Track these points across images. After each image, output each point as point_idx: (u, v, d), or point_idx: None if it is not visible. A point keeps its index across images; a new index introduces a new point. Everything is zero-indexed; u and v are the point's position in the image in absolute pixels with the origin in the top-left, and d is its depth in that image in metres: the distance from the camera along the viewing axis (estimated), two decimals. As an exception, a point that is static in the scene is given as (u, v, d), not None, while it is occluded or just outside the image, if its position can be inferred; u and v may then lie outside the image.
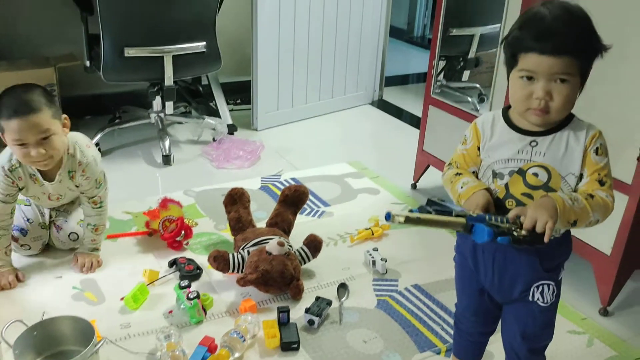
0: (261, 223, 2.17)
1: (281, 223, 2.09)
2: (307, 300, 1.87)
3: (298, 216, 2.17)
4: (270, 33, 3.15)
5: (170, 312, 1.80)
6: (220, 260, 1.87)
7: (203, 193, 2.55)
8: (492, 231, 1.08)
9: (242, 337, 1.63)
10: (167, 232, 2.10)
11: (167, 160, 2.84)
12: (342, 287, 1.95)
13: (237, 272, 1.90)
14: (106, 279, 1.94)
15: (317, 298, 1.84)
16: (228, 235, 2.17)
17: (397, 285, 1.99)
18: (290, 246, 1.95)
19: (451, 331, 1.68)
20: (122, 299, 1.81)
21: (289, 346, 1.67)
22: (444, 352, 1.70)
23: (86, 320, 1.56)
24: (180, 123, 3.29)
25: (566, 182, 1.18)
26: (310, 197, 2.28)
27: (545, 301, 1.27)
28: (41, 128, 1.68)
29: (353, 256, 2.14)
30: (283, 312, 1.72)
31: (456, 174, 1.27)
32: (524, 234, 1.11)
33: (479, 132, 1.26)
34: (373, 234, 2.24)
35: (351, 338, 1.74)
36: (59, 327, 1.58)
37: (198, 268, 1.97)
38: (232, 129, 3.22)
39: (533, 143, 1.18)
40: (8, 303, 1.81)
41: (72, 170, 1.86)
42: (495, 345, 1.48)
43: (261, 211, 2.38)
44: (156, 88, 2.88)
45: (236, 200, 2.13)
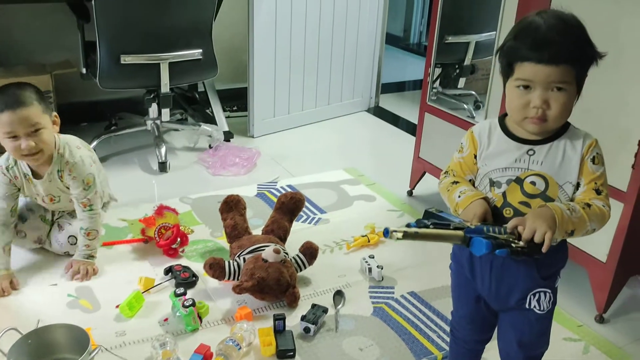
0: (257, 230, 2.17)
1: (277, 230, 2.08)
2: (303, 307, 1.86)
3: (294, 223, 2.17)
4: (266, 40, 3.16)
5: (165, 320, 1.79)
6: (216, 267, 1.87)
7: (199, 200, 2.55)
8: (491, 244, 1.09)
9: (238, 345, 1.63)
10: (163, 240, 2.10)
11: (163, 167, 2.84)
12: (338, 295, 1.95)
13: (233, 280, 1.89)
14: (101, 287, 1.94)
15: (313, 305, 1.84)
16: (224, 242, 2.17)
17: (394, 292, 1.99)
18: (286, 253, 1.95)
19: (447, 339, 1.68)
20: (118, 307, 1.81)
21: (285, 354, 1.66)
22: (440, 360, 1.70)
23: (81, 328, 1.56)
24: (176, 130, 3.29)
25: (563, 191, 1.18)
26: (306, 204, 2.28)
27: (541, 309, 1.27)
28: (31, 121, 1.77)
29: (349, 263, 2.14)
30: (279, 320, 1.72)
31: (453, 183, 1.27)
32: (522, 246, 1.11)
33: (476, 141, 1.26)
34: (369, 241, 2.24)
35: (347, 346, 1.74)
36: (54, 335, 1.58)
37: (194, 275, 1.97)
38: (229, 136, 3.22)
39: (530, 152, 1.19)
40: (2, 311, 1.80)
41: (61, 169, 1.91)
42: (491, 352, 1.48)
43: (257, 218, 2.38)
44: (152, 95, 2.88)
45: (232, 207, 2.13)
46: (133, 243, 2.18)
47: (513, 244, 1.11)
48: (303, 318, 1.77)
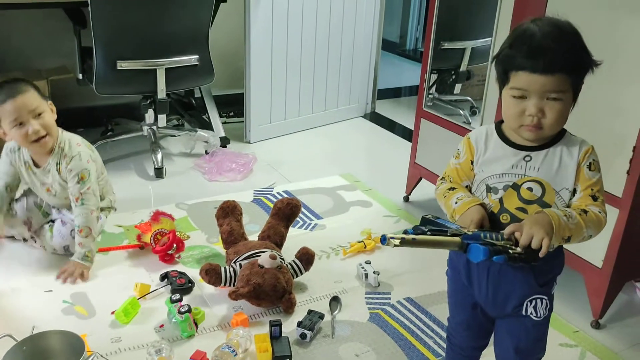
0: (253, 236, 2.16)
1: (273, 236, 2.08)
2: (299, 313, 1.86)
3: (290, 229, 2.16)
4: (263, 46, 3.17)
5: (161, 326, 1.79)
6: (212, 273, 1.86)
7: (195, 206, 2.54)
8: (488, 250, 1.09)
9: (234, 351, 1.62)
10: (159, 245, 2.09)
11: (160, 173, 2.83)
12: (335, 301, 1.94)
13: (229, 286, 1.89)
14: (97, 293, 1.93)
15: (310, 311, 1.84)
16: (220, 248, 2.16)
17: (390, 298, 1.99)
18: (282, 259, 1.94)
19: (444, 345, 1.68)
20: (113, 313, 1.80)
21: (281, 360, 1.66)
22: (437, 366, 1.70)
23: (76, 334, 1.55)
24: (172, 136, 3.28)
25: (560, 197, 1.18)
26: (302, 210, 2.28)
27: (538, 315, 1.27)
28: (32, 105, 1.92)
29: (345, 269, 2.14)
30: (275, 326, 1.72)
31: (449, 189, 1.27)
32: (520, 252, 1.11)
33: (473, 147, 1.26)
34: (365, 247, 2.24)
35: (343, 352, 1.73)
36: (49, 342, 1.57)
37: (190, 281, 1.96)
38: (225, 142, 3.22)
39: (527, 158, 1.19)
40: (-3, 317, 1.80)
41: (59, 162, 2.03)
42: (487, 359, 1.48)
43: (253, 224, 2.37)
44: (149, 101, 2.88)
45: (228, 213, 2.12)
46: (129, 249, 2.18)
47: (510, 250, 1.11)
48: (299, 324, 1.77)
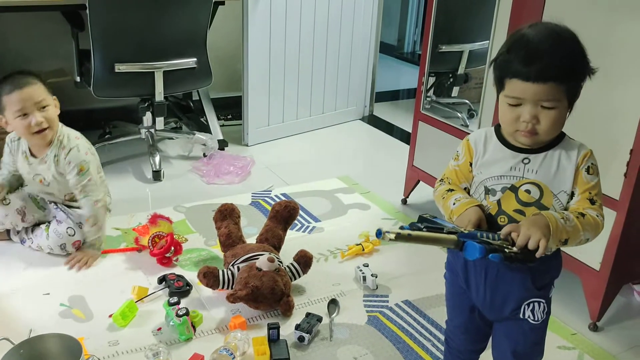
0: (251, 239, 2.16)
1: (271, 239, 2.08)
2: (298, 316, 1.86)
3: (288, 232, 2.16)
4: (261, 49, 3.17)
5: (159, 329, 1.78)
6: (210, 276, 1.86)
7: (193, 209, 2.54)
8: (484, 248, 1.08)
9: (232, 354, 1.62)
10: (157, 248, 2.09)
11: (157, 175, 2.83)
12: (333, 303, 1.94)
13: (227, 289, 1.88)
14: (94, 296, 1.92)
15: (308, 314, 1.84)
16: (218, 251, 2.16)
17: (388, 301, 1.99)
18: (280, 262, 1.94)
19: (442, 348, 1.68)
20: (111, 316, 1.80)
21: (279, 363, 1.66)
22: (435, 369, 1.69)
23: (74, 337, 1.54)
24: (170, 138, 3.28)
25: (558, 200, 1.18)
26: (300, 213, 2.28)
27: (536, 319, 1.27)
28: (37, 98, 1.97)
29: (343, 272, 2.13)
30: (273, 329, 1.71)
31: (448, 190, 1.27)
32: (516, 251, 1.11)
33: (472, 149, 1.26)
34: (363, 250, 2.24)
35: (342, 355, 1.73)
36: (46, 345, 1.56)
37: (187, 284, 1.96)
38: (223, 145, 3.22)
39: (525, 160, 1.19)
40: (-6, 320, 1.79)
41: (57, 154, 2.06)
42: (486, 361, 1.48)
43: (251, 227, 2.37)
44: (147, 103, 2.88)
45: (226, 216, 2.12)
46: (127, 252, 2.17)
47: (506, 250, 1.11)
48: (297, 327, 1.77)
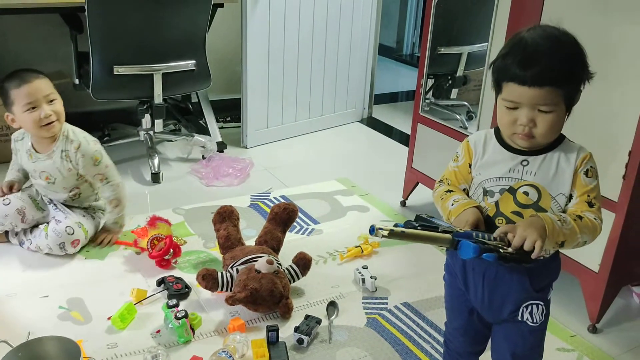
0: (250, 241, 2.16)
1: (270, 241, 2.08)
2: (297, 318, 1.85)
3: (287, 234, 2.16)
4: (260, 51, 3.17)
5: (158, 332, 1.78)
6: (208, 278, 1.86)
7: (192, 211, 2.54)
8: (478, 247, 1.08)
9: (231, 357, 1.62)
10: (156, 251, 2.09)
11: (156, 178, 2.83)
12: (332, 306, 1.94)
13: (226, 291, 1.88)
14: (93, 298, 1.92)
15: (307, 316, 1.83)
16: (217, 253, 2.16)
17: (387, 303, 1.99)
18: (279, 264, 1.94)
19: (441, 350, 1.68)
20: (109, 319, 1.80)
21: (278, 366, 1.65)
22: (434, 371, 1.69)
23: (72, 340, 1.54)
24: (169, 141, 3.28)
25: (556, 202, 1.18)
26: (299, 215, 2.28)
27: (534, 321, 1.26)
28: (45, 91, 2.02)
29: (342, 274, 2.13)
30: (272, 331, 1.71)
31: (447, 191, 1.27)
32: (511, 252, 1.11)
33: (471, 150, 1.26)
34: (362, 252, 2.24)
35: (341, 357, 1.73)
36: (45, 348, 1.56)
37: (186, 287, 1.96)
38: (222, 147, 3.22)
39: (524, 162, 1.19)
40: (-7, 323, 1.79)
41: (66, 149, 2.09)
42: (485, 363, 1.48)
43: (250, 229, 2.37)
44: (145, 106, 2.88)
45: (225, 218, 2.12)
46: (125, 245, 2.17)
47: (501, 250, 1.11)
48: (296, 329, 1.76)
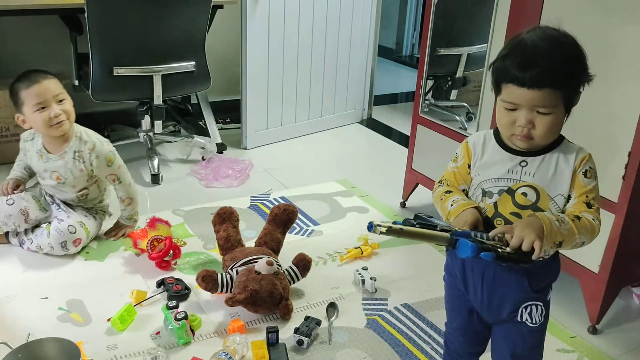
0: (250, 242, 2.16)
1: (270, 242, 2.08)
2: (296, 320, 1.85)
3: (287, 235, 2.16)
4: (259, 52, 3.17)
5: (157, 333, 1.78)
6: (208, 280, 1.86)
7: (192, 212, 2.54)
8: (476, 246, 1.08)
9: (231, 358, 1.61)
10: (155, 252, 2.08)
11: (156, 179, 2.83)
12: (332, 307, 1.94)
13: (226, 292, 1.88)
14: (93, 300, 1.92)
15: (307, 318, 1.83)
16: (217, 254, 2.16)
17: (387, 304, 1.99)
18: (279, 265, 1.94)
19: (441, 351, 1.68)
20: (109, 320, 1.79)
21: (278, 367, 1.65)
22: (434, 372, 1.69)
23: (72, 342, 1.54)
24: (169, 142, 3.28)
25: (555, 203, 1.18)
26: (299, 216, 2.28)
27: (534, 322, 1.26)
28: (55, 91, 2.04)
29: (342, 275, 2.13)
30: (272, 332, 1.71)
31: (446, 192, 1.27)
32: (509, 252, 1.11)
33: (470, 151, 1.26)
34: (362, 253, 2.24)
35: (341, 358, 1.73)
36: (45, 349, 1.56)
37: (186, 288, 1.96)
38: (222, 148, 3.22)
39: (523, 163, 1.19)
40: (-8, 325, 1.79)
41: (79, 150, 2.11)
42: (485, 364, 1.48)
43: (250, 230, 2.37)
44: (145, 107, 2.88)
45: (225, 219, 2.12)
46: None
47: (499, 250, 1.11)
48: (296, 330, 1.76)
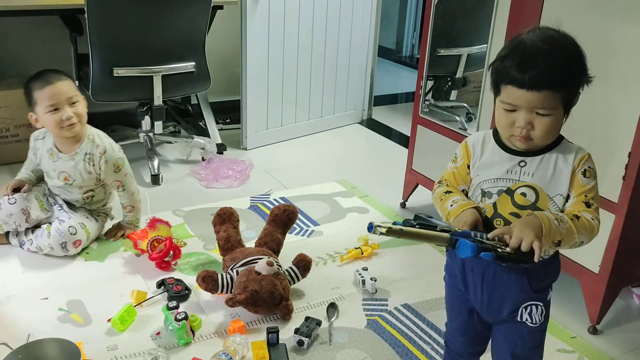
0: (250, 243, 2.16)
1: (270, 243, 2.08)
2: (297, 320, 1.85)
3: (287, 235, 2.16)
4: (259, 52, 3.17)
5: (158, 334, 1.78)
6: (208, 280, 1.86)
7: (192, 213, 2.54)
8: (476, 246, 1.08)
9: (231, 359, 1.61)
10: (155, 253, 2.08)
11: (156, 179, 2.83)
12: (332, 307, 1.94)
13: (226, 293, 1.88)
14: (93, 300, 1.92)
15: (307, 318, 1.83)
16: (217, 255, 2.16)
17: (387, 304, 1.99)
18: (279, 266, 1.94)
19: (441, 351, 1.68)
20: (109, 321, 1.79)
21: (278, 367, 1.65)
22: (434, 372, 1.69)
23: (72, 342, 1.54)
24: (169, 142, 3.28)
25: (554, 203, 1.18)
26: (299, 217, 2.28)
27: (534, 322, 1.27)
28: (68, 93, 2.03)
29: (342, 276, 2.13)
30: (272, 333, 1.71)
31: (446, 192, 1.28)
32: (509, 252, 1.11)
33: (470, 151, 1.27)
34: (362, 253, 2.24)
35: (341, 358, 1.73)
36: (45, 350, 1.56)
37: (186, 288, 1.96)
38: (222, 148, 3.22)
39: (522, 163, 1.19)
40: (-7, 325, 1.79)
41: (90, 152, 2.11)
42: (485, 365, 1.48)
43: (250, 231, 2.37)
44: (145, 107, 2.88)
45: (225, 219, 2.12)
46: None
47: (499, 249, 1.11)
48: (296, 331, 1.76)
